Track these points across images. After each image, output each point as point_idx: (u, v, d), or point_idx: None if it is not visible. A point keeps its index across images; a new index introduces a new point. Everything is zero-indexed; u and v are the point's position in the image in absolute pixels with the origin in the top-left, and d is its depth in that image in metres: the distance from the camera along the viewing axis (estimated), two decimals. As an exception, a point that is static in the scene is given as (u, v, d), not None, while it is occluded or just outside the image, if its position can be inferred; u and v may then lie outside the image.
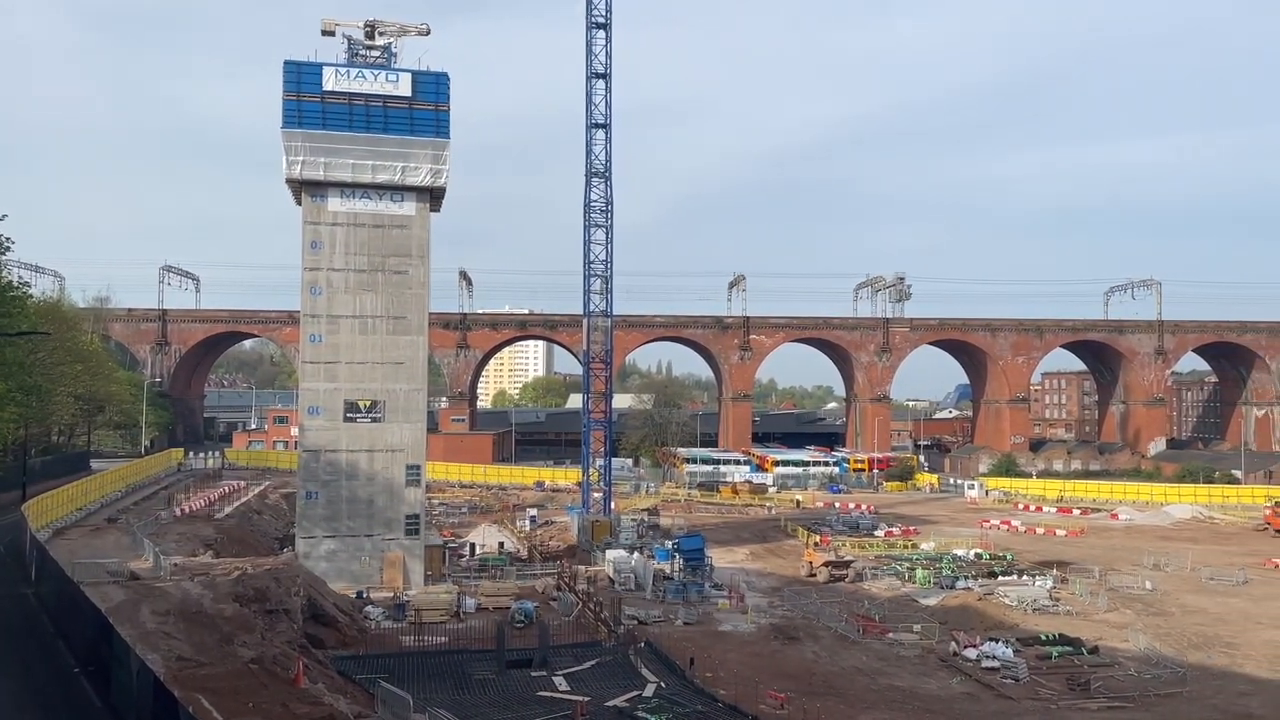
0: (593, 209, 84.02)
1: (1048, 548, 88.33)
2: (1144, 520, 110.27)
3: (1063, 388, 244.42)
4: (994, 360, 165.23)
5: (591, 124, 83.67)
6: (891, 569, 73.98)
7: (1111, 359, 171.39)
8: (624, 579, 68.03)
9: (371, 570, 66.15)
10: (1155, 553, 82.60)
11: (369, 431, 67.20)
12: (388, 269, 68.15)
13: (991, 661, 49.11)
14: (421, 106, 67.90)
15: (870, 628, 56.49)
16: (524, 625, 54.46)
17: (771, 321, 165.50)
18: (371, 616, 56.66)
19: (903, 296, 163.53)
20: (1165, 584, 71.07)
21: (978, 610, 62.12)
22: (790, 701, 41.71)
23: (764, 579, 72.51)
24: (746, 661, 49.45)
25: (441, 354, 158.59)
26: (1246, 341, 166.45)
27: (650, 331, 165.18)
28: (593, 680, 44.66)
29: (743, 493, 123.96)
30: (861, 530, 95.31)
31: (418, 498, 68.55)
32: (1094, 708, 43.61)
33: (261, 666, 33.99)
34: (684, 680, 44.82)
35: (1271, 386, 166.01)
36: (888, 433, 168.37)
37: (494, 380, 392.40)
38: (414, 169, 67.36)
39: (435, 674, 45.25)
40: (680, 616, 59.03)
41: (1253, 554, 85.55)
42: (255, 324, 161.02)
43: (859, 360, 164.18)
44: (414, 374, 68.58)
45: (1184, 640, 55.39)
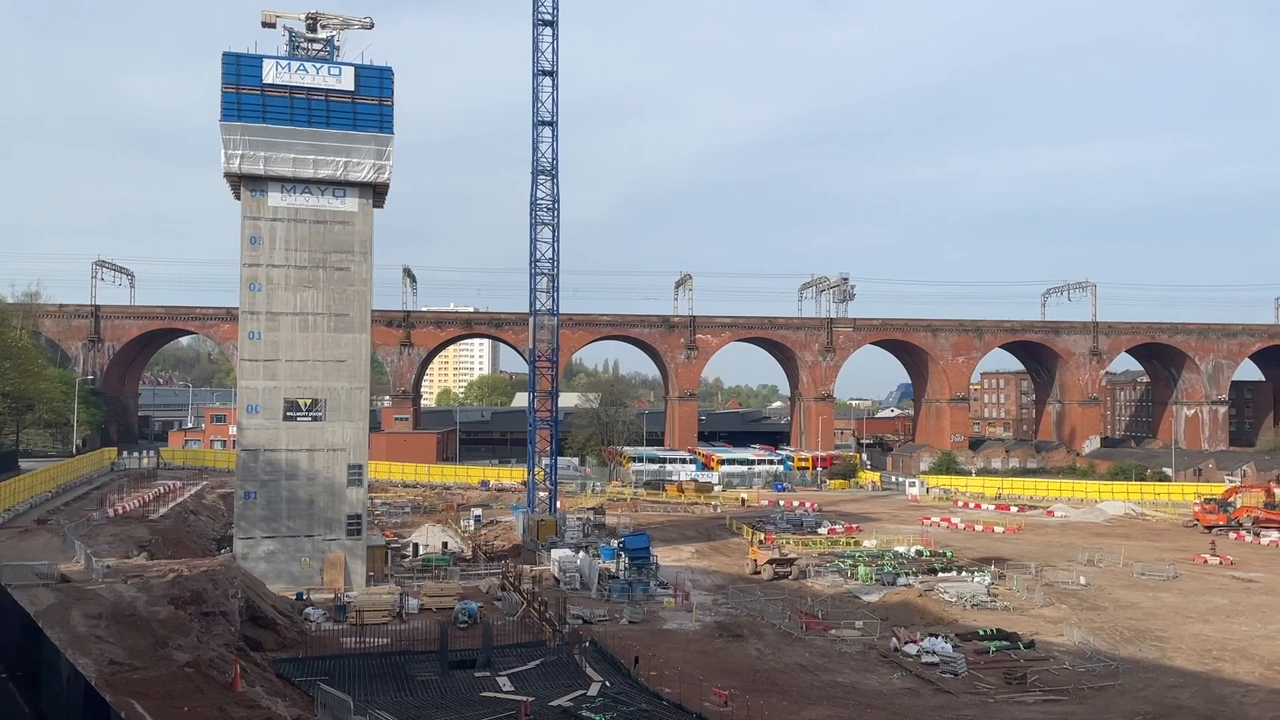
0: (539, 206, 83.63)
1: (986, 544, 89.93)
2: (1079, 517, 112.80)
3: (1001, 387, 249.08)
4: (935, 360, 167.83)
5: (538, 121, 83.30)
6: (834, 566, 74.74)
7: (1048, 359, 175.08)
8: (569, 578, 67.84)
9: (312, 571, 65.13)
10: (1089, 549, 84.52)
11: (310, 430, 66.16)
12: (329, 265, 67.15)
13: (931, 657, 49.82)
14: (365, 101, 67.00)
15: (813, 624, 57.01)
16: (468, 626, 54.04)
17: (718, 321, 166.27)
18: (312, 618, 55.82)
19: (846, 297, 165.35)
20: (1099, 579, 72.76)
21: (918, 606, 63.02)
22: (734, 699, 41.92)
23: (709, 577, 72.79)
24: (691, 659, 49.58)
25: (384, 352, 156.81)
26: (1177, 343, 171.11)
27: (597, 330, 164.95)
28: (537, 680, 44.46)
29: (688, 491, 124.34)
30: (805, 528, 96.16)
31: (360, 498, 67.65)
32: (1030, 701, 44.46)
33: (197, 670, 33.30)
34: (629, 679, 44.81)
35: (1201, 387, 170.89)
36: (831, 431, 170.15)
37: (438, 379, 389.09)
38: (357, 164, 66.45)
39: (377, 675, 44.71)
40: (625, 615, 59.03)
41: (1182, 550, 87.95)
42: (192, 320, 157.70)
43: (803, 360, 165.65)
44: (356, 372, 67.67)
45: (1117, 634, 56.73)
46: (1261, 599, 66.97)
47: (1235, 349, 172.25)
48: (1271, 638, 56.09)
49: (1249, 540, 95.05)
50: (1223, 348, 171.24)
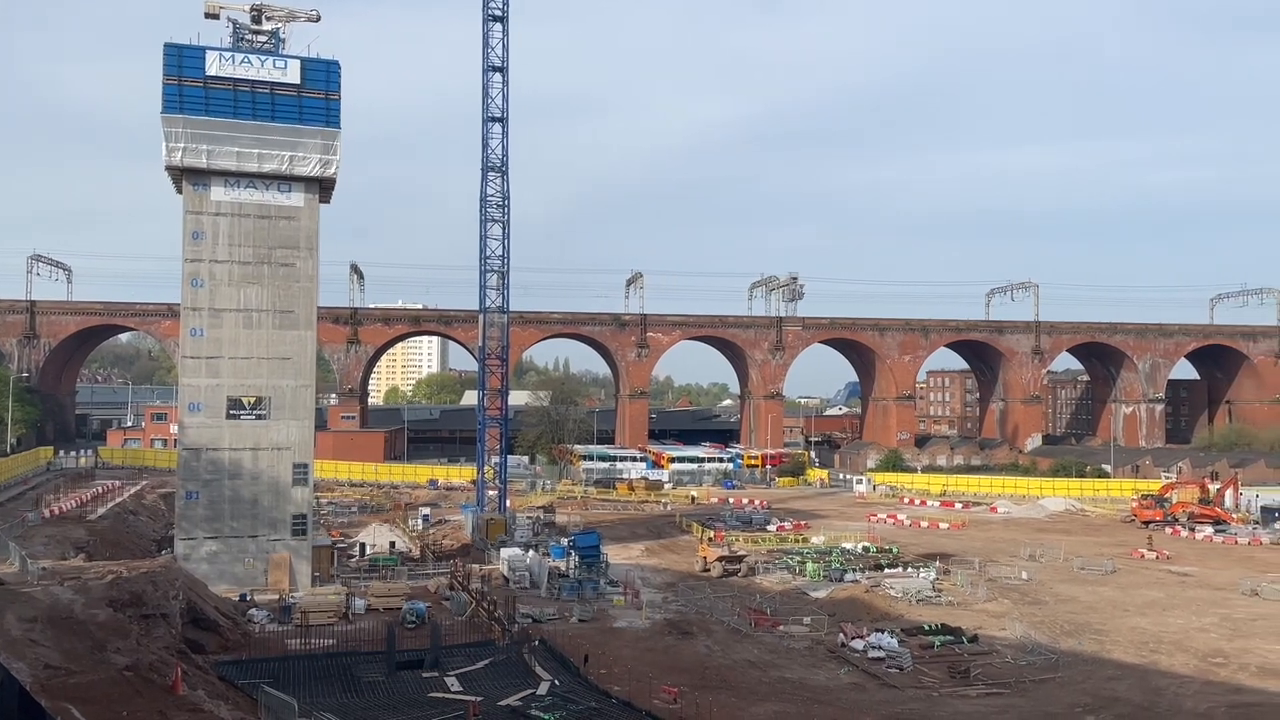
0: (489, 203, 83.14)
1: (931, 540, 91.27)
2: (1021, 513, 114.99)
3: (946, 386, 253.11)
4: (882, 359, 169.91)
5: (489, 117, 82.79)
6: (783, 563, 75.32)
7: (992, 358, 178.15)
8: (519, 577, 67.58)
9: (256, 572, 64.15)
10: (1031, 544, 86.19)
11: (253, 429, 65.12)
12: (274, 261, 66.13)
13: (877, 652, 50.43)
14: (311, 94, 66.09)
15: (762, 621, 57.40)
16: (416, 626, 53.59)
17: (668, 319, 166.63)
18: (255, 619, 54.96)
19: (795, 296, 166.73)
20: (1040, 574, 74.21)
21: (865, 602, 63.77)
22: (683, 696, 42.05)
23: (659, 575, 72.97)
24: (640, 657, 49.68)
25: (331, 349, 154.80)
26: (1116, 342, 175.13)
27: (548, 328, 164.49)
28: (486, 680, 44.22)
29: (639, 489, 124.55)
30: (754, 525, 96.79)
31: (305, 497, 66.76)
32: (973, 694, 45.22)
33: (137, 674, 32.64)
34: (578, 678, 44.75)
35: (1138, 385, 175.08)
36: (781, 429, 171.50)
37: (386, 377, 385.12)
38: (302, 158, 65.52)
39: (322, 677, 44.14)
40: (575, 614, 58.94)
41: (1121, 545, 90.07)
42: (132, 317, 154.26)
43: (753, 358, 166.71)
44: (301, 370, 66.73)
45: (1057, 628, 57.92)
46: (1196, 593, 68.84)
47: (1171, 349, 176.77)
48: (1205, 630, 57.68)
49: (1184, 535, 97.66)
50: (1159, 347, 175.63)
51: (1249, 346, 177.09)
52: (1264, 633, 56.87)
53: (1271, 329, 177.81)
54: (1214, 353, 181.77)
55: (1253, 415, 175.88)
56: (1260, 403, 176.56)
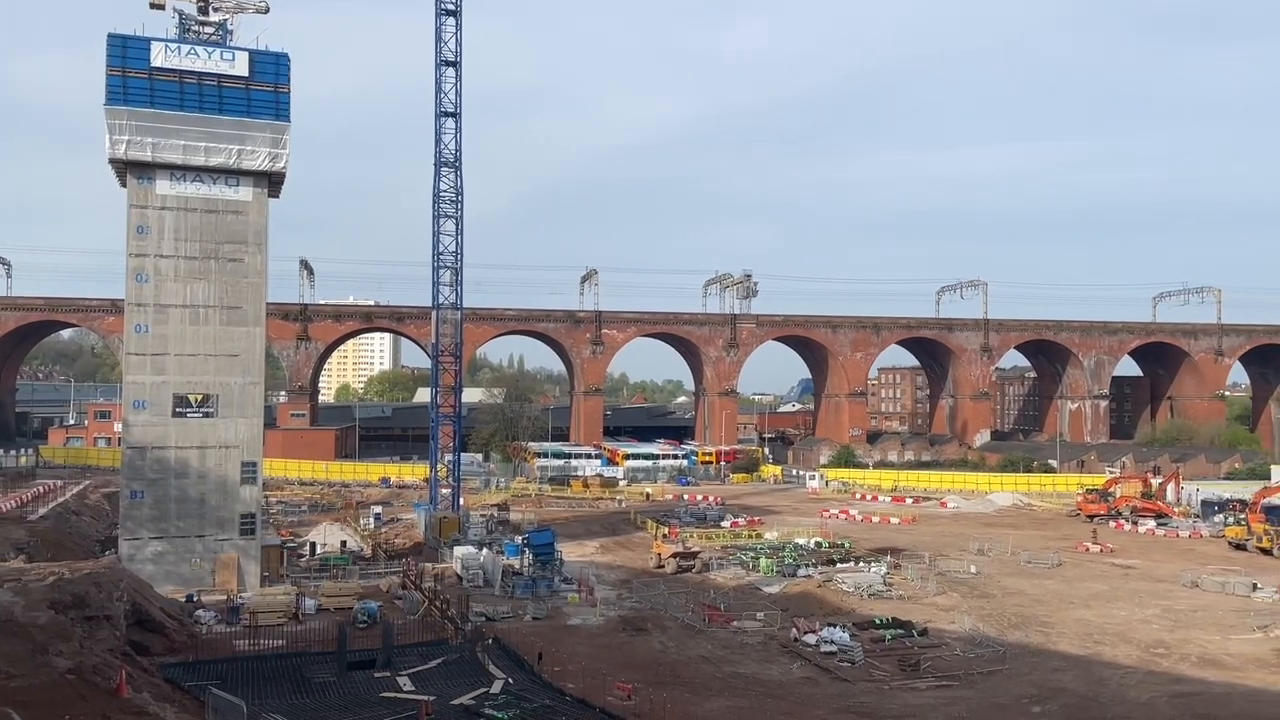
0: (442, 199, 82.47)
1: (883, 535, 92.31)
2: (970, 508, 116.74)
3: (898, 382, 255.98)
4: (834, 356, 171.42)
5: (441, 112, 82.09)
6: (737, 559, 75.70)
7: (942, 355, 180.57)
8: (472, 576, 67.21)
9: (203, 572, 63.12)
10: (980, 538, 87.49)
11: (200, 427, 64.03)
12: (222, 256, 65.05)
13: (830, 646, 50.85)
14: (259, 87, 65.06)
15: (716, 617, 57.64)
16: (367, 625, 53.08)
17: (623, 316, 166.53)
18: (203, 621, 54.10)
19: (750, 293, 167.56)
20: (988, 568, 75.39)
21: (817, 597, 64.30)
22: (637, 692, 42.12)
23: (613, 572, 72.98)
24: (595, 654, 49.65)
25: (280, 346, 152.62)
26: (1062, 339, 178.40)
27: (501, 325, 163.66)
28: (439, 679, 43.89)
29: (593, 486, 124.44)
30: (708, 521, 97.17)
31: (254, 496, 65.80)
32: (923, 687, 45.80)
33: (80, 677, 31.93)
34: (532, 675, 44.60)
35: (1084, 382, 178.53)
36: (735, 426, 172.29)
37: (337, 374, 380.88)
38: (251, 152, 64.49)
39: (272, 678, 43.50)
40: (529, 612, 58.76)
41: (1066, 538, 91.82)
42: (74, 313, 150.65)
43: (708, 355, 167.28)
44: (250, 367, 65.72)
45: (1005, 620, 58.88)
46: (1139, 585, 70.36)
47: (1115, 346, 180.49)
48: (1148, 621, 58.99)
49: (1128, 529, 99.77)
50: (1104, 344, 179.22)
51: (1190, 344, 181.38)
52: (1204, 624, 58.30)
53: (1211, 327, 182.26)
54: (1156, 350, 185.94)
55: (1193, 411, 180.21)
56: (1200, 399, 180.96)
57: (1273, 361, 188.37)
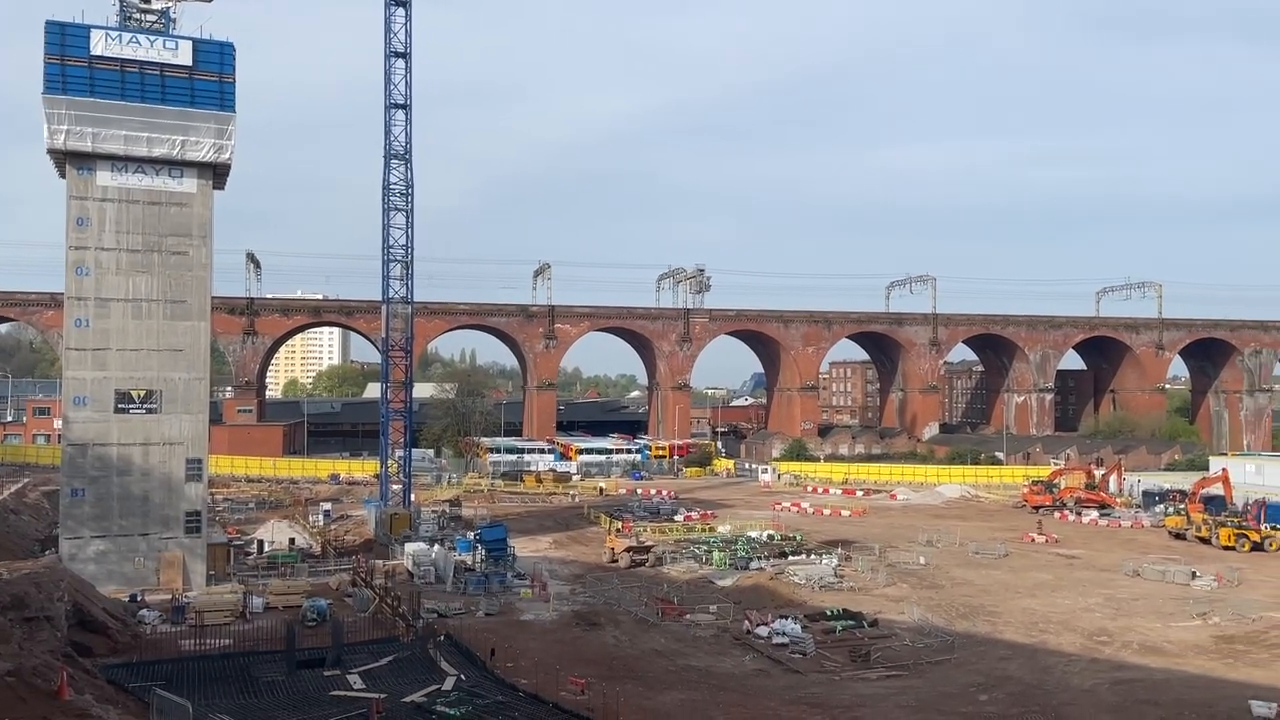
0: (392, 192, 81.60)
1: (834, 528, 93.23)
2: (919, 500, 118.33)
3: (849, 376, 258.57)
4: (786, 350, 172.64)
5: (391, 104, 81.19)
6: (690, 552, 75.98)
7: (891, 349, 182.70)
8: (424, 572, 66.66)
9: (147, 572, 61.87)
10: (929, 530, 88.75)
11: (143, 423, 62.68)
12: (165, 249, 63.67)
13: (781, 638, 51.27)
14: (204, 77, 63.73)
15: (669, 610, 57.80)
16: (316, 624, 52.43)
17: (576, 310, 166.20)
18: (147, 621, 53.08)
19: (702, 288, 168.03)
20: (937, 559, 76.50)
21: (770, 589, 64.78)
22: (590, 687, 42.11)
23: (567, 567, 72.87)
24: (548, 649, 49.55)
25: (226, 341, 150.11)
26: (1009, 334, 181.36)
27: (453, 319, 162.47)
28: (390, 677, 43.53)
29: (547, 482, 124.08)
30: (662, 515, 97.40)
31: (199, 494, 64.60)
32: (873, 677, 46.37)
33: (19, 679, 31.12)
34: (485, 672, 44.41)
35: (1030, 375, 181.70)
36: (688, 420, 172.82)
37: (285, 369, 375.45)
38: (195, 143, 63.19)
39: (218, 678, 42.85)
40: (482, 608, 58.45)
41: (1012, 529, 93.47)
42: (11, 307, 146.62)
43: (661, 349, 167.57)
44: (194, 362, 64.48)
45: (953, 610, 59.80)
46: (1082, 574, 71.87)
47: (1060, 340, 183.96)
48: (1091, 610, 60.29)
49: (1072, 519, 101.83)
50: (1049, 339, 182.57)
51: (1132, 338, 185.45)
52: (1144, 612, 59.73)
53: (1153, 321, 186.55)
54: (1100, 344, 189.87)
55: (1135, 403, 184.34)
56: (1142, 391, 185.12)
57: (1211, 355, 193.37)
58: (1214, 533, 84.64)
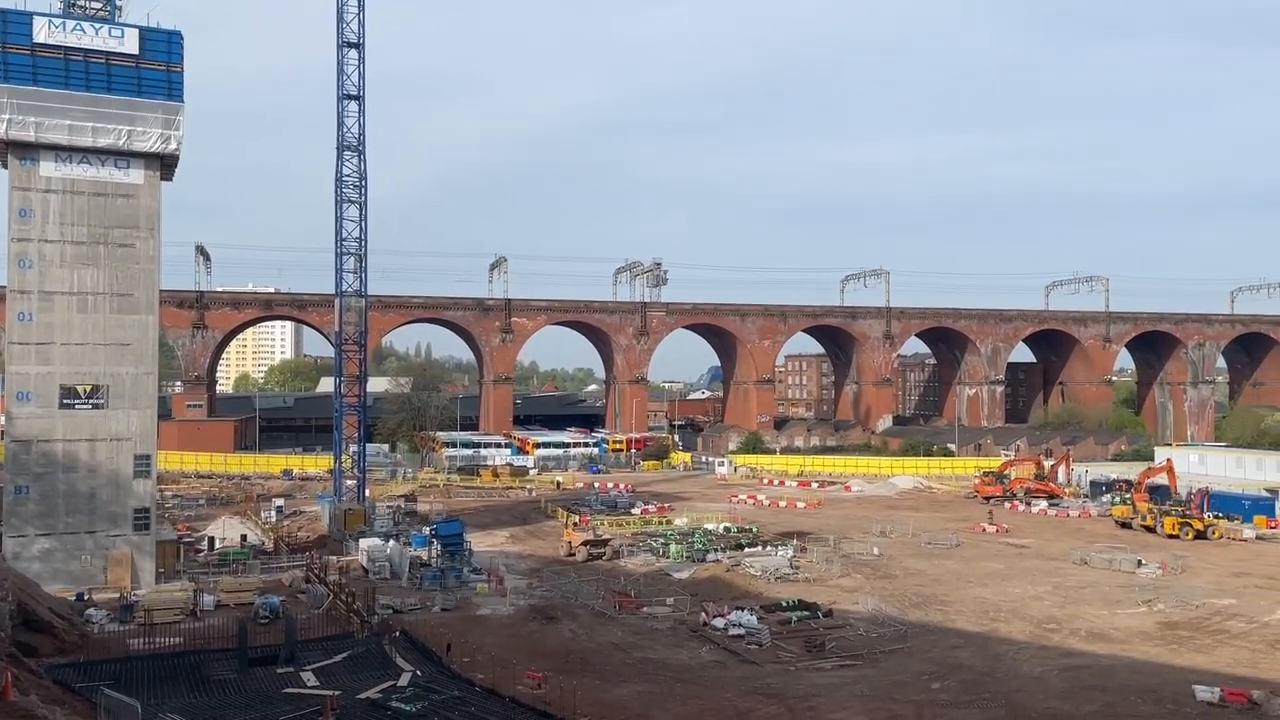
0: (345, 184, 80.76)
1: (789, 519, 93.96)
2: (873, 491, 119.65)
3: (804, 369, 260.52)
4: (743, 343, 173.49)
5: (344, 95, 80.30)
6: (647, 545, 76.13)
7: (846, 342, 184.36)
8: (379, 568, 66.17)
9: (95, 570, 60.71)
10: (882, 521, 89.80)
11: (90, 419, 61.45)
12: (111, 241, 62.42)
13: (738, 629, 51.64)
14: (151, 66, 62.50)
15: (626, 603, 57.93)
16: (269, 621, 51.88)
17: (533, 304, 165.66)
18: (94, 620, 52.17)
19: (659, 281, 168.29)
20: (891, 549, 77.45)
21: (726, 581, 65.17)
22: (547, 680, 42.11)
23: (524, 561, 72.70)
24: (505, 644, 49.45)
25: (175, 335, 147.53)
26: (961, 327, 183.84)
27: (408, 313, 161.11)
28: (344, 673, 43.16)
29: (503, 476, 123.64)
30: (619, 509, 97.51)
31: (147, 490, 63.48)
32: (828, 667, 46.87)
33: (-40, 682, 30.38)
34: (441, 667, 44.21)
35: (981, 368, 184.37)
36: (645, 413, 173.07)
37: (236, 363, 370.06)
38: (142, 133, 61.97)
39: (169, 677, 42.23)
40: (438, 603, 58.15)
41: (964, 519, 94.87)
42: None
43: (618, 343, 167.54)
44: (142, 356, 63.30)
45: (906, 600, 60.61)
46: (1032, 563, 73.17)
47: (1010, 333, 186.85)
48: (1040, 598, 61.42)
49: (1022, 509, 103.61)
50: (1000, 332, 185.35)
51: (1080, 331, 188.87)
52: (1092, 599, 60.99)
53: (1100, 314, 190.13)
54: (1049, 337, 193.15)
55: (1083, 395, 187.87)
56: (1089, 383, 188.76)
57: (1156, 348, 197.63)
58: (1159, 521, 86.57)
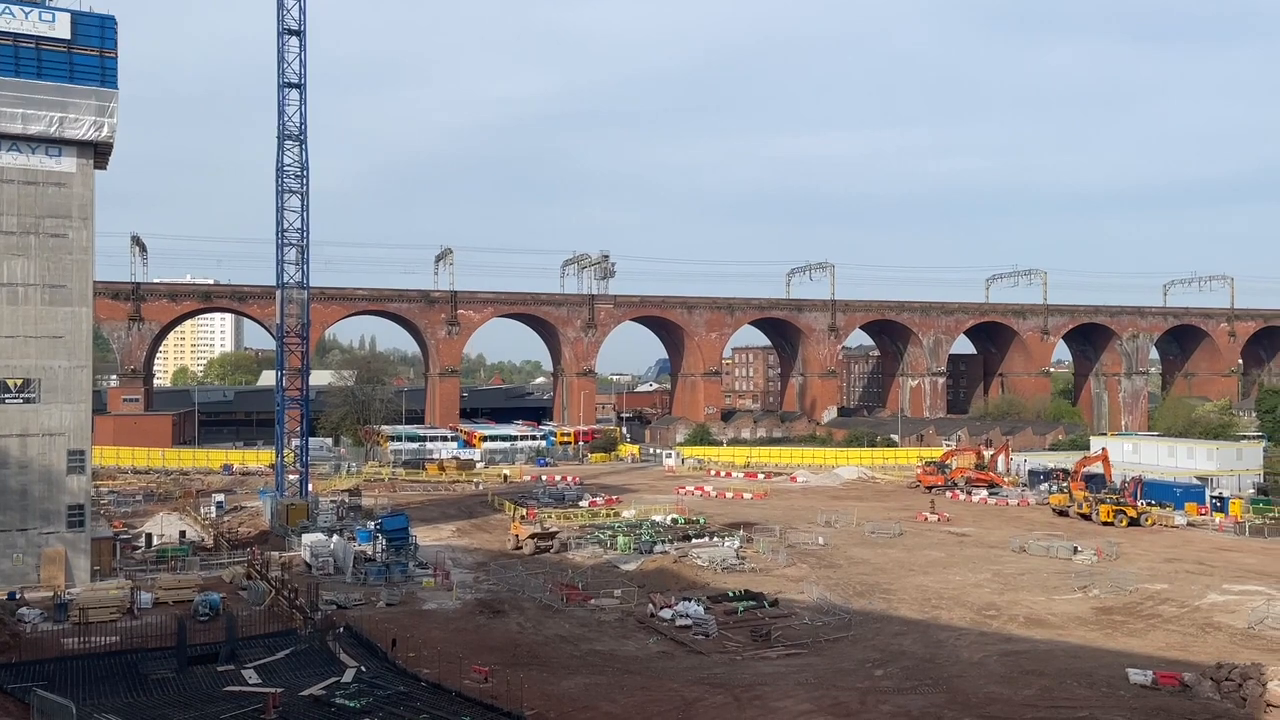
0: (286, 173, 79.41)
1: (736, 510, 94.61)
2: (818, 482, 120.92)
3: (751, 361, 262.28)
4: (690, 336, 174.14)
5: (285, 83, 78.89)
6: (595, 538, 76.16)
7: (792, 335, 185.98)
8: (322, 563, 65.30)
9: (27, 568, 59.09)
10: (827, 511, 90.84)
11: (21, 414, 59.70)
12: (42, 231, 60.59)
13: (685, 620, 51.89)
14: (83, 51, 60.77)
15: (574, 596, 57.90)
16: (209, 618, 51.03)
17: (480, 296, 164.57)
18: (26, 619, 50.94)
19: (607, 274, 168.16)
20: (835, 539, 78.38)
21: (673, 572, 65.44)
22: (494, 674, 41.94)
23: (470, 555, 72.29)
24: (451, 638, 49.14)
25: (111, 327, 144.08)
26: (904, 319, 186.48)
27: (352, 305, 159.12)
28: (287, 670, 42.62)
29: (450, 469, 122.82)
30: (567, 501, 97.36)
31: (82, 486, 61.92)
32: (774, 656, 47.32)
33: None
34: (386, 662, 43.82)
35: (923, 360, 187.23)
36: (593, 406, 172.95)
37: (174, 356, 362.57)
38: (74, 120, 60.24)
39: (105, 677, 41.39)
40: (383, 598, 57.59)
41: (907, 509, 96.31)
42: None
43: (566, 335, 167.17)
44: (75, 349, 61.64)
45: (850, 589, 61.40)
46: (972, 551, 74.55)
47: (952, 325, 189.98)
48: (980, 585, 62.60)
49: (963, 498, 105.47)
50: (942, 324, 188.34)
51: (1019, 323, 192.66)
52: (1030, 586, 62.31)
53: (1038, 307, 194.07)
54: (989, 329, 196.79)
55: (1021, 386, 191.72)
56: (1028, 375, 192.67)
57: (1092, 340, 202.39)
58: (1094, 509, 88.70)
